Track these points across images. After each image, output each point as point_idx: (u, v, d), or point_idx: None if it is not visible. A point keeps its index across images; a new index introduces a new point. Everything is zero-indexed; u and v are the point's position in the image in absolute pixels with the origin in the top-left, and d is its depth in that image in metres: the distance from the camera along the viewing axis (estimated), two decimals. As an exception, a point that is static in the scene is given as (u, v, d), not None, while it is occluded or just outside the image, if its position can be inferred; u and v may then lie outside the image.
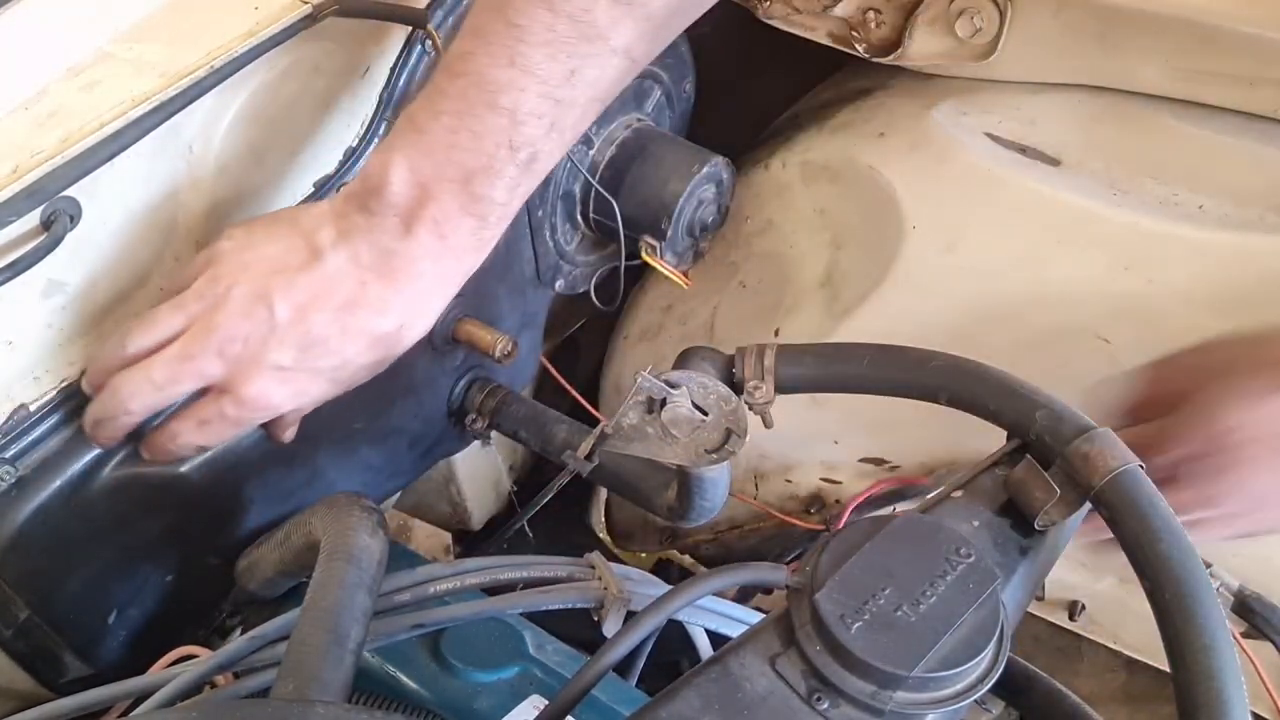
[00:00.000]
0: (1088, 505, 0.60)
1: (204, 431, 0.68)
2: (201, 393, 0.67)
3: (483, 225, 0.67)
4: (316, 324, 0.65)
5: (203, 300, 0.66)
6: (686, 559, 1.14)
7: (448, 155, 0.64)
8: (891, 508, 1.00)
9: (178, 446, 0.69)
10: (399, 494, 1.09)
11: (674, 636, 0.71)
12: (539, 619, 0.77)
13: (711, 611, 0.73)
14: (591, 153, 0.92)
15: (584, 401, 1.13)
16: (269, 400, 0.67)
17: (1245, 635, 0.87)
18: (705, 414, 0.62)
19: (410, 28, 0.80)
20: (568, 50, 0.62)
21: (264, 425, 0.72)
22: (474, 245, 0.67)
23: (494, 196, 0.65)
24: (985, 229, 0.92)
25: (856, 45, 0.95)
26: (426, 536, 1.13)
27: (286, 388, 0.67)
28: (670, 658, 0.81)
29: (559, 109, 0.64)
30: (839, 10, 0.94)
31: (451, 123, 0.64)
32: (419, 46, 0.81)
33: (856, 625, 0.48)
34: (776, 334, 1.04)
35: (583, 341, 1.31)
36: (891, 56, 0.93)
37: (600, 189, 0.92)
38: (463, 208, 0.65)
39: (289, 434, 0.75)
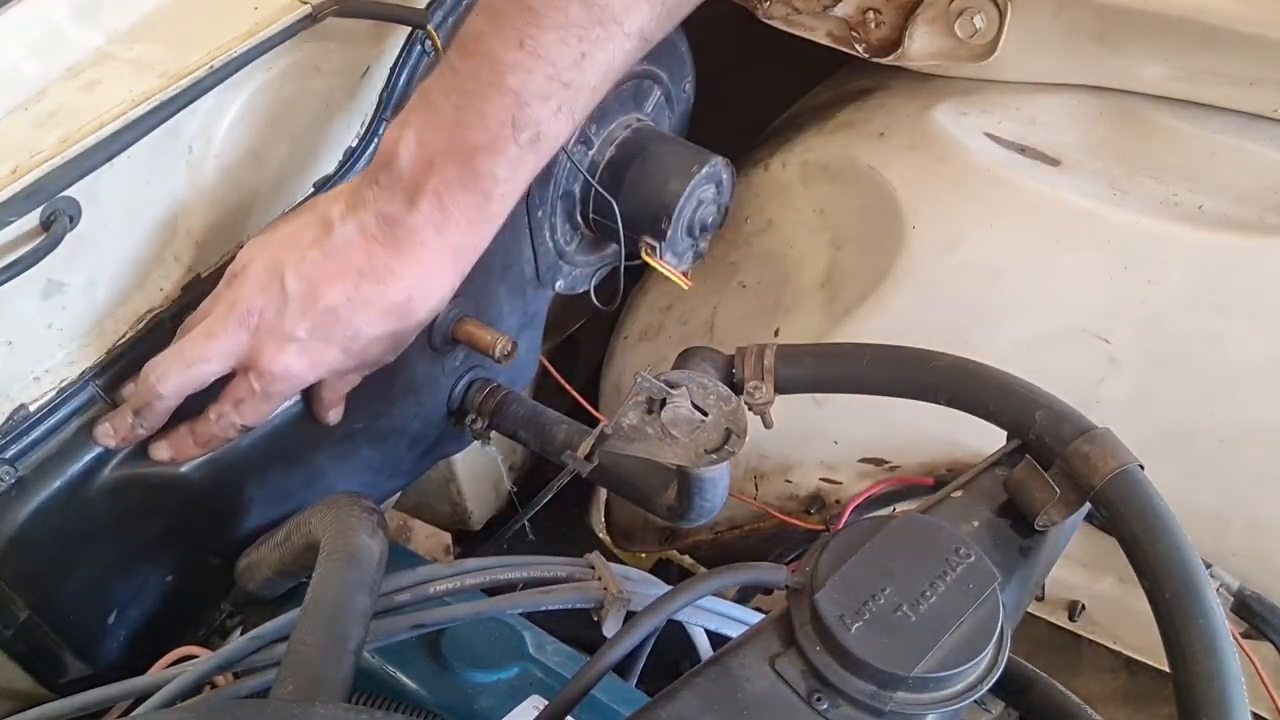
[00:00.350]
0: (1087, 505, 0.61)
1: (241, 410, 0.70)
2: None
3: (486, 201, 0.67)
4: (326, 295, 0.67)
5: (227, 283, 0.69)
6: (686, 559, 1.14)
7: (454, 132, 0.65)
8: (891, 508, 1.00)
9: (222, 428, 0.71)
10: (399, 494, 1.09)
11: (674, 636, 0.71)
12: (539, 619, 0.77)
13: (711, 611, 0.73)
14: (591, 153, 0.92)
15: (584, 401, 1.13)
16: (289, 371, 0.69)
17: (1245, 635, 0.87)
18: (705, 414, 0.62)
19: (410, 28, 0.80)
20: (579, 34, 0.63)
21: (307, 406, 0.76)
22: (478, 220, 0.68)
23: (496, 173, 0.66)
24: (985, 229, 0.92)
25: (856, 45, 0.95)
26: (426, 536, 1.13)
27: (304, 359, 0.69)
28: (670, 658, 0.81)
29: (567, 91, 0.65)
30: (839, 10, 0.94)
31: (460, 100, 0.65)
32: (419, 46, 0.81)
33: (856, 625, 0.48)
34: (776, 334, 1.04)
35: (583, 341, 1.31)
36: (891, 57, 0.93)
37: (600, 189, 0.92)
38: (465, 183, 0.66)
39: (333, 414, 0.77)
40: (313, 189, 0.80)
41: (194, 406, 0.71)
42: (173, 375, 0.68)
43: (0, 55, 0.71)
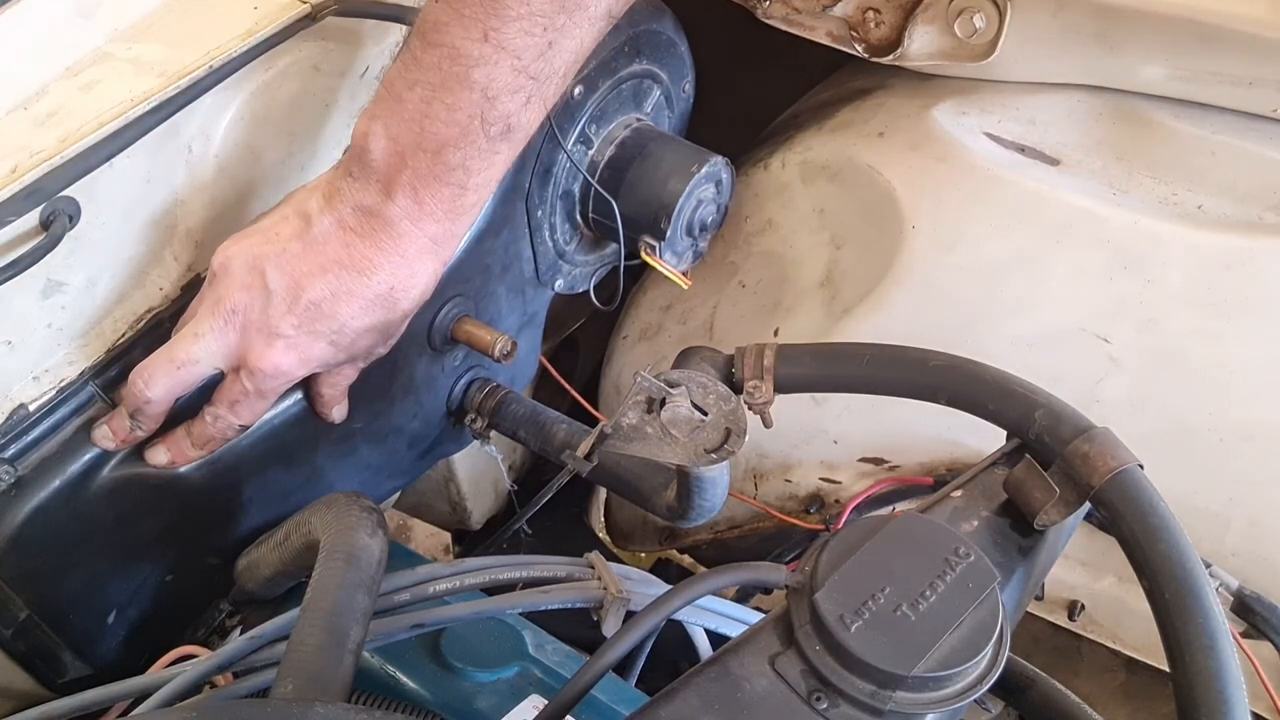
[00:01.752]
0: (1087, 505, 0.61)
1: (236, 410, 0.70)
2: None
3: (461, 192, 0.67)
4: (309, 289, 0.67)
5: (209, 282, 0.69)
6: (686, 559, 1.14)
7: (422, 126, 0.64)
8: (891, 508, 1.00)
9: (218, 430, 0.71)
10: (399, 494, 1.09)
11: (674, 636, 0.71)
12: (539, 619, 0.77)
13: (711, 611, 0.73)
14: (591, 153, 0.92)
15: (584, 401, 1.13)
16: (279, 368, 0.68)
17: (1245, 635, 0.87)
18: (705, 414, 0.62)
19: (409, 27, 0.80)
20: (544, 24, 0.62)
21: (311, 405, 0.76)
22: (455, 210, 0.68)
23: (468, 166, 0.66)
24: (985, 229, 0.92)
25: (856, 45, 0.95)
26: (426, 536, 1.13)
27: (293, 354, 0.68)
28: (670, 658, 0.81)
29: (535, 83, 0.64)
30: (839, 10, 0.94)
31: (426, 94, 0.64)
32: (418, 46, 0.81)
33: (856, 625, 0.48)
34: (776, 334, 1.04)
35: (583, 341, 1.31)
36: (891, 56, 0.93)
37: (600, 189, 0.92)
38: (437, 176, 0.66)
39: (337, 411, 0.77)
40: (312, 189, 0.80)
41: (193, 409, 0.71)
42: (160, 378, 0.67)
43: (0, 55, 0.71)
